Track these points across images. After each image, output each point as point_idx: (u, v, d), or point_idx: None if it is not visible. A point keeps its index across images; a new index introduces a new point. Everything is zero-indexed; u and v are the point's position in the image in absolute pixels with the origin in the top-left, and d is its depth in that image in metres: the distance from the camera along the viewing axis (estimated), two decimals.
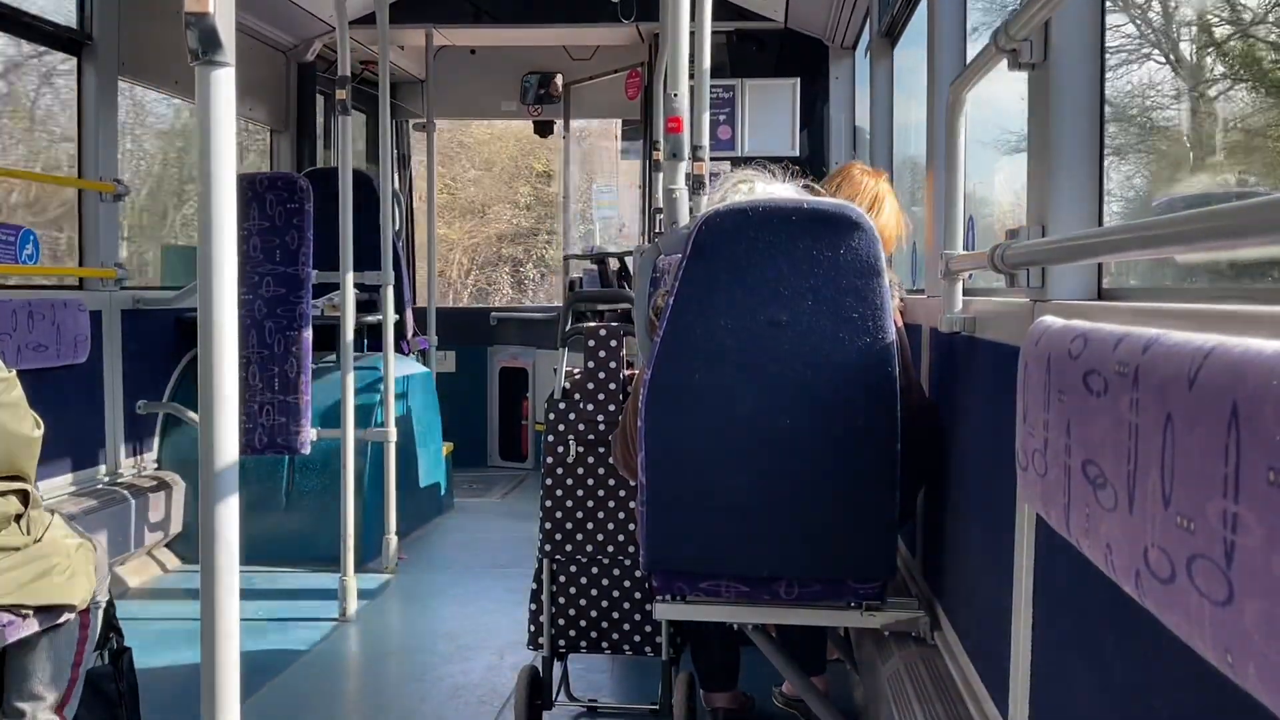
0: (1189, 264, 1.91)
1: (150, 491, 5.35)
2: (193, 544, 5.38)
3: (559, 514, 3.45)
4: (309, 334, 5.17)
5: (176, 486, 5.57)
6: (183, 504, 5.59)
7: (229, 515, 1.80)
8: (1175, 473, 0.88)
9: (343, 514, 4.85)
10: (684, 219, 3.29)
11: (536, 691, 3.41)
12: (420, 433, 6.45)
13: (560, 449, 3.45)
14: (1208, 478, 0.81)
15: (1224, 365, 0.81)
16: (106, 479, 5.26)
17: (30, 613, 2.56)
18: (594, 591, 3.47)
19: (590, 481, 3.43)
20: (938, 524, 2.90)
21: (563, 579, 3.48)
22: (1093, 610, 1.50)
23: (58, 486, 4.88)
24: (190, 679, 3.94)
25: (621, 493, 3.42)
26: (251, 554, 2.28)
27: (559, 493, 3.45)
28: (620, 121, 9.95)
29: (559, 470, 3.45)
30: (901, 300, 3.13)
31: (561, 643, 3.50)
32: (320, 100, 7.93)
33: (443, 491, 6.97)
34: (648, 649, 3.48)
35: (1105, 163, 1.96)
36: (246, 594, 1.91)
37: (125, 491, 5.17)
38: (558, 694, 3.53)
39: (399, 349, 6.32)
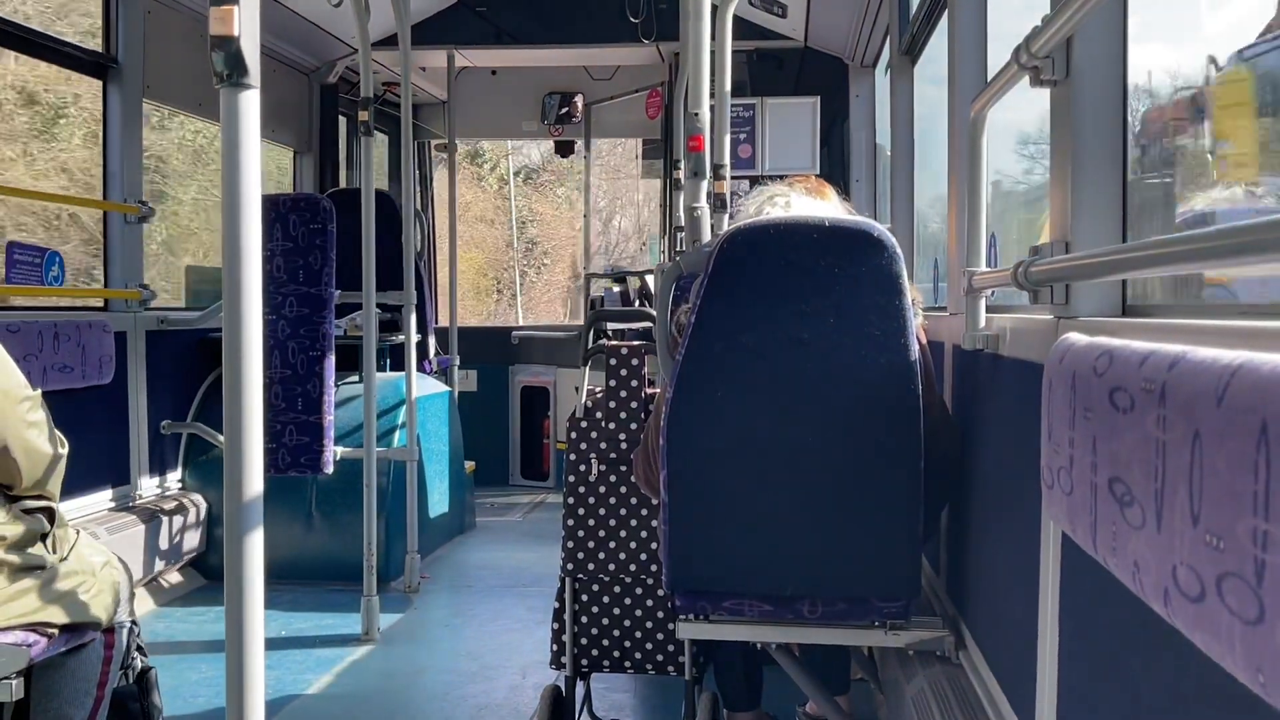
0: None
1: (174, 511, 5.37)
2: (217, 563, 5.40)
3: (581, 533, 3.44)
4: (332, 354, 5.19)
5: (200, 506, 5.60)
6: (207, 523, 5.62)
7: (254, 535, 1.80)
8: (1204, 490, 0.87)
9: (366, 533, 4.86)
10: (705, 237, 3.29)
11: (559, 711, 3.40)
12: (442, 452, 6.47)
13: (582, 468, 3.45)
14: (1237, 495, 0.80)
15: (1252, 382, 0.80)
16: (131, 499, 5.29)
17: (55, 631, 2.57)
18: (616, 611, 3.47)
19: (612, 500, 3.43)
20: (962, 542, 2.89)
21: (585, 598, 3.48)
22: (1120, 629, 1.49)
23: (83, 505, 4.91)
24: (214, 699, 3.97)
25: (644, 511, 3.42)
26: (275, 573, 2.28)
27: (581, 511, 3.44)
28: (640, 142, 9.99)
29: (581, 489, 3.45)
30: (924, 318, 3.13)
31: (584, 662, 3.50)
32: (343, 121, 7.98)
33: (464, 511, 6.97)
34: (670, 668, 3.47)
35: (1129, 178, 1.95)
36: (270, 613, 1.91)
37: (150, 511, 5.20)
38: (581, 713, 3.52)
39: (421, 368, 6.34)
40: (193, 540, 5.52)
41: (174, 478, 5.71)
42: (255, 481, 1.79)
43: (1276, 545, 0.75)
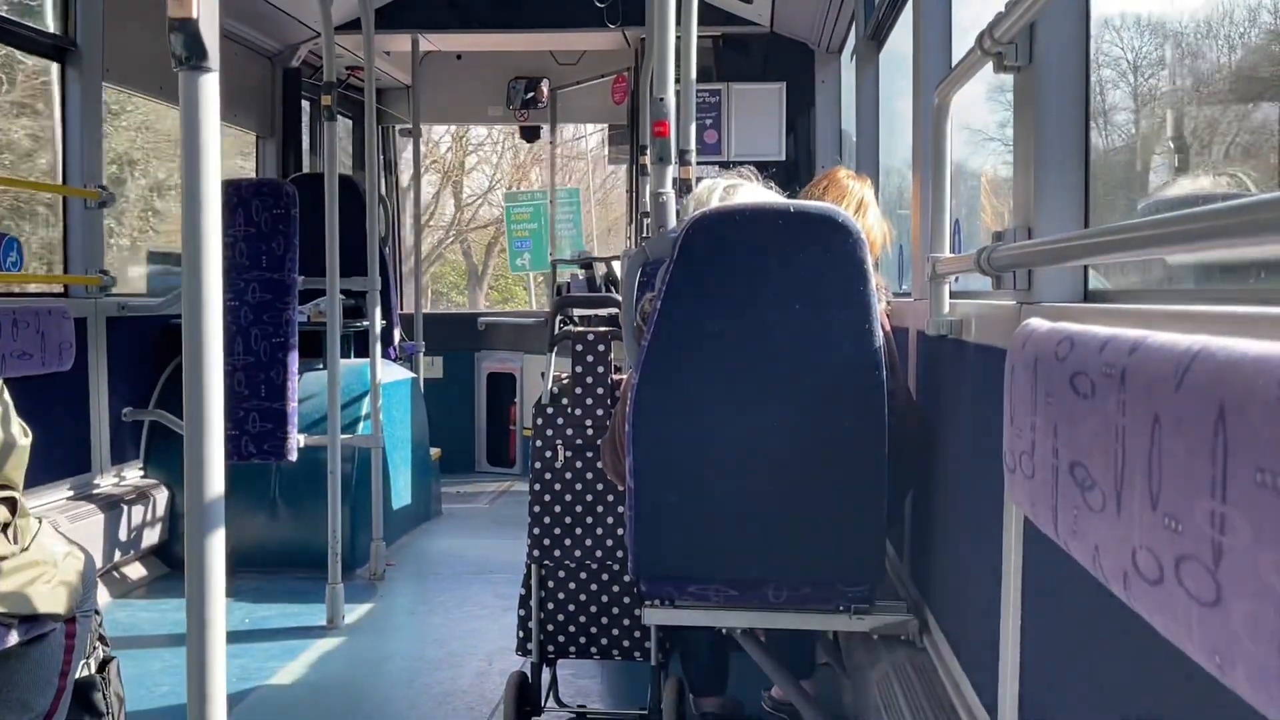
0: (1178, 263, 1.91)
1: (136, 500, 5.32)
2: (179, 552, 5.36)
3: (547, 519, 3.44)
4: (295, 340, 5.15)
5: (162, 495, 5.55)
6: (169, 512, 5.57)
7: (216, 523, 1.79)
8: (1163, 474, 0.88)
9: (330, 521, 4.83)
10: (671, 223, 3.29)
11: (525, 698, 3.40)
12: (407, 439, 6.44)
13: (548, 454, 3.45)
14: (1195, 479, 0.81)
15: (1210, 366, 0.81)
16: (92, 487, 5.23)
17: (15, 622, 2.54)
18: (582, 597, 3.47)
19: (579, 487, 3.43)
20: (926, 527, 2.91)
21: (551, 584, 3.48)
22: (1081, 612, 1.50)
23: (44, 494, 4.85)
24: (177, 689, 3.94)
25: (610, 498, 3.42)
26: (238, 561, 2.27)
27: (547, 498, 3.44)
28: (607, 126, 9.97)
29: (547, 475, 3.44)
30: (888, 303, 3.14)
31: (550, 648, 3.50)
32: (306, 106, 7.91)
33: (430, 498, 6.95)
34: (637, 654, 3.47)
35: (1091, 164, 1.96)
36: (233, 602, 1.90)
37: (110, 500, 5.15)
38: (547, 700, 3.52)
39: (385, 355, 6.31)
40: (154, 529, 5.47)
41: (135, 466, 5.65)
42: (217, 469, 1.77)
43: (1233, 528, 0.75)
